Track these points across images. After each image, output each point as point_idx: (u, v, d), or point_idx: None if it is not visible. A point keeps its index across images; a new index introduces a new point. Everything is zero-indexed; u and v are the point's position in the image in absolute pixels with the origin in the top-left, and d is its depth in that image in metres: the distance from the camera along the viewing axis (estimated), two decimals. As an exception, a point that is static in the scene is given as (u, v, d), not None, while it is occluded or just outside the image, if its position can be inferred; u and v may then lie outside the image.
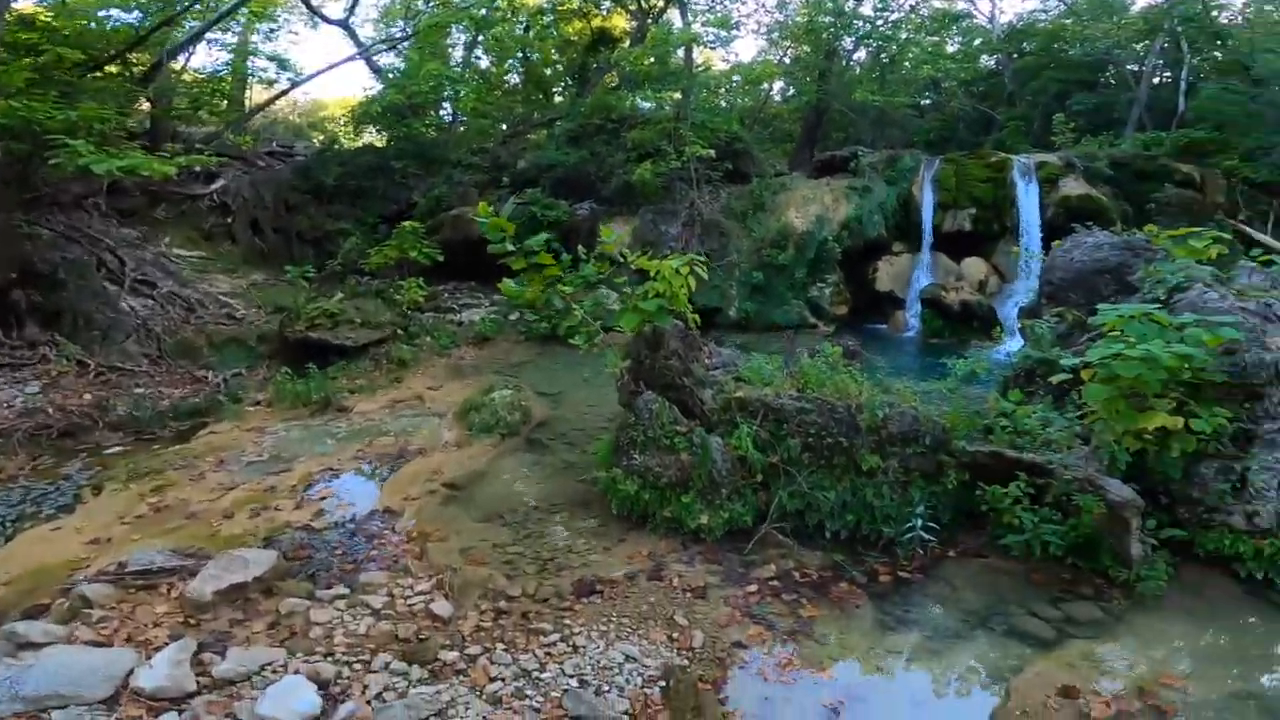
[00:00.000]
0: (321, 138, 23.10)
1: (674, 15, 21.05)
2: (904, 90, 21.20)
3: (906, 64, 21.51)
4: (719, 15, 19.61)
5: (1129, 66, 21.68)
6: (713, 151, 15.33)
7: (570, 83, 22.04)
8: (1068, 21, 23.10)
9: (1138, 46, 21.14)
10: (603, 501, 5.81)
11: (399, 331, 11.55)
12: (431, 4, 18.87)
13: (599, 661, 4.01)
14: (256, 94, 21.68)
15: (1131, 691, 3.86)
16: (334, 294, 12.30)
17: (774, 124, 25.35)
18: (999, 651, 4.23)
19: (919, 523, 5.10)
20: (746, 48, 48.41)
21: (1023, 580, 4.89)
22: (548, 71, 22.24)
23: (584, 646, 4.13)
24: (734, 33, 20.37)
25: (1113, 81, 22.47)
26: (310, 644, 4.06)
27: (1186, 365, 4.65)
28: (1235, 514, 4.93)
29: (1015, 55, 23.89)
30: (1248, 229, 14.28)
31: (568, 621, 4.38)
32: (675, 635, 4.28)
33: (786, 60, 23.57)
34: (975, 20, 25.04)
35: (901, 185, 16.03)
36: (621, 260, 6.21)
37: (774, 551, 5.21)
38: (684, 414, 5.69)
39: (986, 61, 24.07)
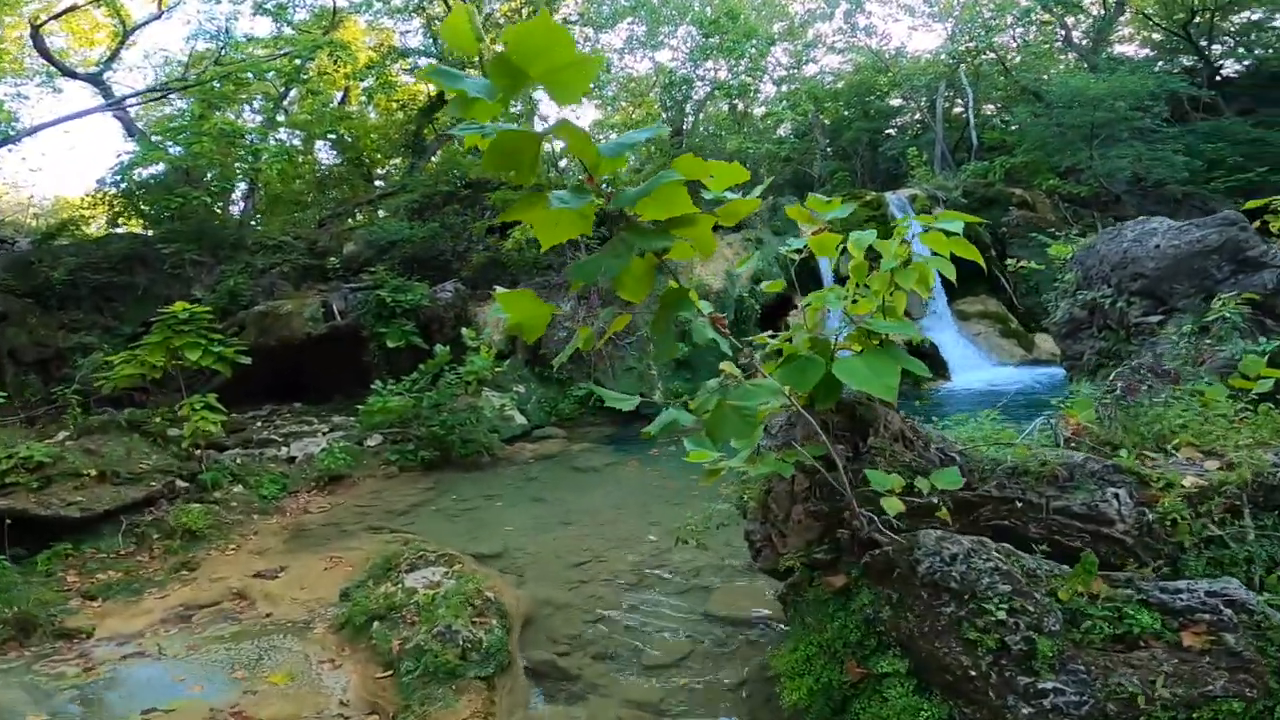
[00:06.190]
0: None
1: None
2: (763, 138, 21.08)
3: (758, 112, 21.57)
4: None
5: (924, 106, 23.57)
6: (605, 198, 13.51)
7: (403, 154, 19.28)
8: (870, 74, 24.86)
9: (918, 92, 22.94)
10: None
11: (179, 484, 7.57)
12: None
13: None
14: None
15: None
16: (56, 433, 8.08)
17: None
18: None
19: None
20: (585, 113, 47.67)
21: None
22: (374, 149, 19.32)
23: None
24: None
25: (916, 122, 24.41)
26: None
27: None
28: None
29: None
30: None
31: None
32: None
33: (635, 118, 22.73)
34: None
35: (790, 232, 15.25)
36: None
37: None
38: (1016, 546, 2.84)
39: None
